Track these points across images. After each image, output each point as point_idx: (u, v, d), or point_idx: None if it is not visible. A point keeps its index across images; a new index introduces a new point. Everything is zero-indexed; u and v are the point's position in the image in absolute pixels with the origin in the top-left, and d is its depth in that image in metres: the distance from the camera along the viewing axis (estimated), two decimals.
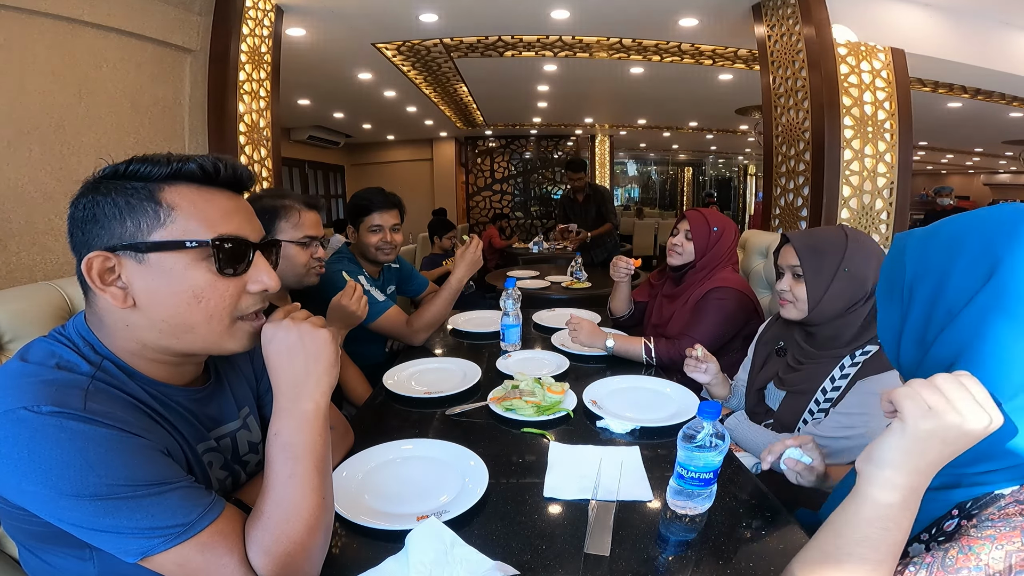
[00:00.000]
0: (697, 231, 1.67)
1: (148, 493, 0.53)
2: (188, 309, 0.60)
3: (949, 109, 5.43)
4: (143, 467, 0.54)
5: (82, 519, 0.51)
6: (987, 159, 10.54)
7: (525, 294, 2.11)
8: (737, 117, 6.64)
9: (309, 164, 8.63)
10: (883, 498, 0.48)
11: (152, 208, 0.59)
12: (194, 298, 0.60)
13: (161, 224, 0.59)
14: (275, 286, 0.65)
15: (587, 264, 3.31)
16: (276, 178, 2.95)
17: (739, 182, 13.52)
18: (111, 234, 0.58)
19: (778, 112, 2.93)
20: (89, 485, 0.50)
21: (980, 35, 3.15)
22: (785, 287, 1.15)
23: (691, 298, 1.66)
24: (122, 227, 0.58)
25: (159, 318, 0.60)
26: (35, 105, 1.90)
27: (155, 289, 0.59)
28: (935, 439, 0.47)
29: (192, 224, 0.60)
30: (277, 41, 2.97)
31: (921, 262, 0.57)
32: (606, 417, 1.11)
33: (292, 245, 1.33)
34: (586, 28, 3.67)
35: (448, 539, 0.69)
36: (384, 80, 5.08)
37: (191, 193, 0.61)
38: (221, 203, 0.63)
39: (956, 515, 0.53)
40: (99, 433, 0.52)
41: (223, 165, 0.63)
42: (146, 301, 0.60)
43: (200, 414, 0.70)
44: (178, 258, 0.59)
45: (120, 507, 0.52)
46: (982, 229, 0.53)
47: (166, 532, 0.53)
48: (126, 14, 2.18)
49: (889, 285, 0.63)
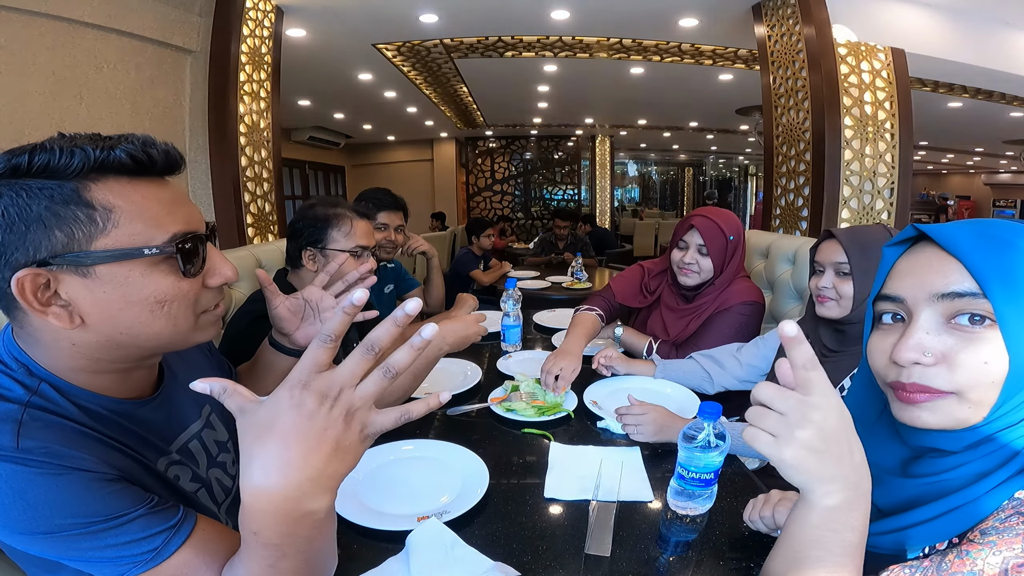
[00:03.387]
0: (712, 244, 1.43)
1: (105, 528, 0.49)
2: (151, 317, 0.54)
3: (949, 109, 5.42)
4: (93, 503, 0.49)
5: (44, 551, 0.50)
6: (987, 159, 10.53)
7: (525, 295, 2.11)
8: (737, 117, 6.63)
9: (310, 165, 8.63)
10: (825, 502, 0.47)
11: (84, 213, 0.50)
12: (157, 304, 0.54)
13: (102, 231, 0.50)
14: (234, 276, 0.61)
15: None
16: (277, 179, 2.96)
17: (739, 182, 13.52)
18: (36, 247, 0.49)
19: (778, 112, 2.93)
20: (38, 525, 0.47)
21: (980, 35, 3.15)
22: (827, 284, 1.11)
23: (706, 312, 1.48)
24: (49, 238, 0.49)
25: (116, 332, 0.54)
26: (35, 106, 1.91)
27: (108, 302, 0.52)
28: (816, 452, 0.45)
29: (138, 226, 0.52)
30: (277, 42, 2.98)
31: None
32: (607, 417, 1.11)
33: (342, 255, 1.25)
34: (586, 28, 3.67)
35: (449, 540, 0.69)
36: (384, 81, 5.08)
37: (125, 188, 0.52)
38: (160, 195, 0.55)
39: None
40: (36, 474, 0.47)
41: (156, 151, 0.54)
42: (98, 317, 0.52)
43: (156, 426, 0.63)
44: (133, 266, 0.52)
45: (77, 540, 0.49)
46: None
47: (134, 559, 0.50)
48: (126, 15, 2.18)
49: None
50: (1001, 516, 0.47)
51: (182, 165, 0.59)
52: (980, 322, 0.48)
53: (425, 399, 0.47)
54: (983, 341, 0.48)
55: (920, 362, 0.50)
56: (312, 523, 0.46)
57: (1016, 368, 0.47)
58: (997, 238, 0.49)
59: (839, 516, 0.48)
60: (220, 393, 0.44)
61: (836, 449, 0.46)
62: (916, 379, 0.50)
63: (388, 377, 0.45)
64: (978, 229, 0.50)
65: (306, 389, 0.43)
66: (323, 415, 0.43)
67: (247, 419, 0.43)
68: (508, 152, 9.16)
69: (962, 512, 0.49)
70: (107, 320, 0.53)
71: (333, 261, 1.26)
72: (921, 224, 0.53)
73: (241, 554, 0.49)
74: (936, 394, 0.50)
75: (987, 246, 0.48)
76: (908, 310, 0.52)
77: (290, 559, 0.47)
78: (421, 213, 7.98)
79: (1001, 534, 0.45)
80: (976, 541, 0.46)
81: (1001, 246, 0.48)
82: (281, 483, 0.42)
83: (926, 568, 0.48)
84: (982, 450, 0.50)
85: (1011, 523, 0.45)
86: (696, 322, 1.48)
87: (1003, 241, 0.48)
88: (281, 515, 0.44)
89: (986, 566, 0.44)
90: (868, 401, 0.63)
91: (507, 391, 1.22)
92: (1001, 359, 0.47)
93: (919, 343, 0.50)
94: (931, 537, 0.51)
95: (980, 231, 0.50)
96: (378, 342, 0.44)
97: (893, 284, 0.54)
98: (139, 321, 0.54)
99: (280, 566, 0.47)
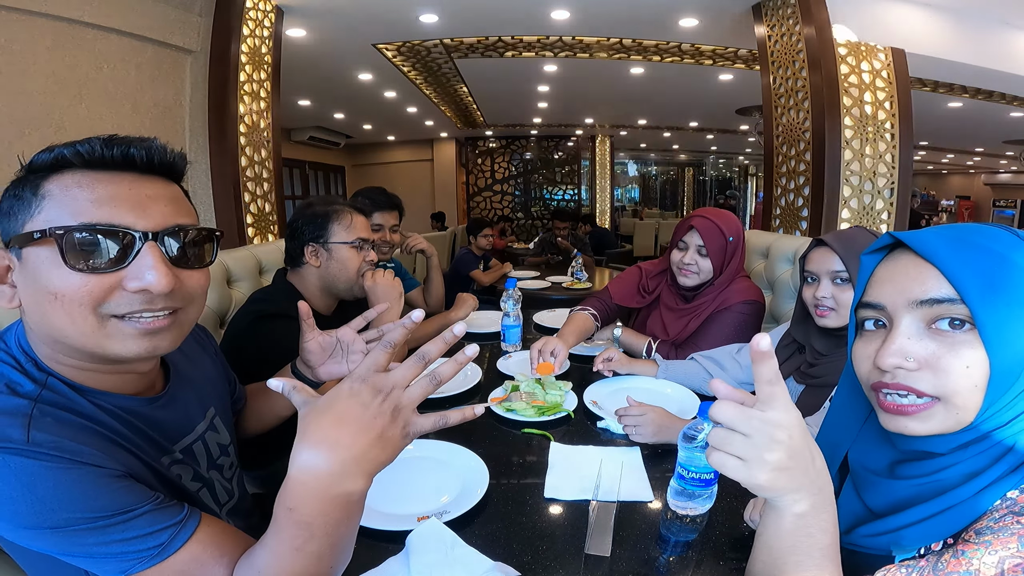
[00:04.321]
0: (712, 245, 1.44)
1: (111, 523, 0.50)
2: (51, 310, 0.52)
3: (949, 109, 5.42)
4: (101, 498, 0.50)
5: (49, 547, 0.50)
6: (988, 159, 10.53)
7: (525, 295, 2.11)
8: (737, 117, 6.63)
9: (310, 165, 8.63)
10: (794, 509, 0.49)
11: (29, 197, 0.53)
12: (51, 296, 0.52)
13: (31, 215, 0.52)
14: (161, 286, 0.53)
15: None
16: (277, 179, 2.95)
17: (740, 182, 13.52)
18: (4, 229, 0.54)
19: (778, 112, 2.93)
20: (45, 519, 0.47)
21: (980, 35, 3.15)
22: (826, 294, 1.06)
23: (705, 312, 1.49)
24: (11, 221, 0.53)
25: (34, 321, 0.55)
26: (36, 106, 1.90)
27: (26, 288, 0.54)
28: (786, 471, 0.47)
29: (55, 213, 0.52)
30: (277, 42, 2.98)
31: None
32: (607, 417, 1.11)
33: (345, 247, 1.29)
34: (586, 28, 3.67)
35: (449, 540, 0.69)
36: (384, 80, 5.08)
37: (73, 179, 0.53)
38: (104, 189, 0.53)
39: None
40: (46, 468, 0.48)
41: (99, 146, 0.53)
42: (28, 304, 0.54)
43: (160, 425, 0.64)
44: (39, 252, 0.52)
45: (83, 535, 0.49)
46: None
47: (139, 554, 0.50)
48: (126, 15, 2.18)
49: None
50: (995, 516, 0.47)
51: (178, 164, 0.59)
52: (960, 326, 0.49)
53: (462, 409, 0.54)
54: (964, 345, 0.48)
55: (903, 367, 0.50)
56: (345, 505, 0.49)
57: (998, 370, 0.47)
58: (972, 244, 0.49)
59: (811, 521, 0.49)
60: (289, 391, 0.51)
61: (802, 463, 0.47)
62: (900, 379, 0.51)
63: (434, 384, 0.52)
64: (954, 235, 0.51)
65: (364, 383, 0.49)
66: (375, 406, 0.49)
67: (309, 408, 0.49)
68: (508, 152, 9.16)
69: (955, 512, 0.50)
70: (28, 306, 0.54)
71: (341, 264, 1.28)
72: (897, 231, 0.54)
73: (267, 538, 0.51)
74: (922, 405, 0.50)
75: (963, 252, 0.49)
76: (889, 316, 0.53)
77: (317, 541, 0.49)
78: (421, 213, 7.99)
79: (996, 533, 0.45)
80: (971, 541, 0.47)
81: (977, 251, 0.49)
82: (329, 458, 0.47)
83: (922, 568, 0.48)
84: (972, 450, 0.51)
85: (1005, 522, 0.46)
86: (696, 322, 1.49)
87: (978, 246, 0.49)
88: (321, 491, 0.48)
89: (982, 565, 0.44)
90: (855, 405, 0.63)
91: (507, 391, 1.22)
92: (982, 363, 0.48)
93: (901, 348, 0.51)
94: (926, 537, 0.51)
95: (956, 237, 0.50)
96: (393, 341, 0.51)
97: (873, 292, 0.55)
98: (43, 312, 0.53)
99: (306, 548, 0.49)
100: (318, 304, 1.31)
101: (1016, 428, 0.49)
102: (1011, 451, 0.49)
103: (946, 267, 0.49)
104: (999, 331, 0.47)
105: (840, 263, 1.05)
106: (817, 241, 1.11)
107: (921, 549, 0.52)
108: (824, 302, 1.07)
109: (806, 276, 1.12)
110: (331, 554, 0.52)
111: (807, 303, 1.12)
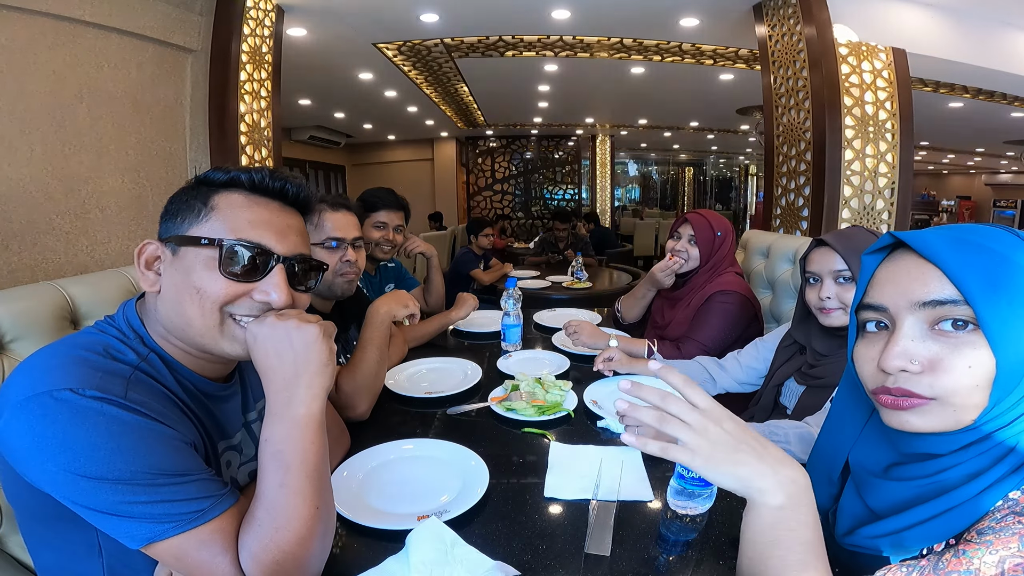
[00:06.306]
0: (701, 235, 1.64)
1: (168, 482, 0.54)
2: (189, 301, 0.62)
3: (950, 109, 5.42)
4: (169, 457, 0.55)
5: (96, 501, 0.52)
6: (988, 159, 10.53)
7: (526, 294, 2.11)
8: (738, 117, 6.63)
9: (310, 164, 8.64)
10: (771, 502, 0.50)
11: (198, 207, 0.64)
12: (194, 290, 0.62)
13: (197, 222, 0.63)
14: (280, 301, 0.64)
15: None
16: None
17: (740, 182, 13.51)
18: (167, 228, 0.65)
19: (779, 112, 2.93)
20: (114, 470, 0.52)
21: (981, 35, 3.15)
22: (830, 294, 1.05)
23: (693, 301, 1.64)
24: (174, 222, 0.64)
25: (167, 306, 0.63)
26: (36, 105, 1.90)
27: (176, 280, 0.63)
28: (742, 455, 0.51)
29: (218, 226, 0.63)
30: (278, 41, 2.98)
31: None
32: (607, 417, 1.11)
33: (315, 248, 1.26)
34: (587, 28, 3.67)
35: (449, 539, 0.69)
36: (385, 80, 5.08)
37: (238, 199, 0.65)
38: (259, 213, 0.65)
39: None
40: (135, 421, 0.54)
41: (267, 177, 0.66)
42: (168, 291, 0.63)
43: (224, 411, 0.72)
44: (199, 254, 0.62)
45: (138, 492, 0.53)
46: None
47: (178, 518, 0.54)
48: (127, 14, 2.18)
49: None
50: (997, 516, 0.47)
51: (297, 198, 0.70)
52: (964, 327, 0.48)
53: None
54: (967, 346, 0.48)
55: (907, 369, 0.50)
56: (304, 428, 0.60)
57: (1003, 370, 0.47)
58: (974, 244, 0.49)
59: (790, 515, 0.50)
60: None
61: (748, 448, 0.51)
62: (902, 383, 0.51)
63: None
64: (955, 235, 0.50)
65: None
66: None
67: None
68: (508, 152, 9.16)
69: (958, 512, 0.50)
70: (170, 295, 0.63)
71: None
72: (898, 232, 0.54)
73: (257, 487, 0.59)
74: (921, 400, 0.50)
75: (965, 252, 0.49)
76: (891, 318, 0.53)
77: (294, 473, 0.58)
78: (421, 213, 7.98)
79: (997, 534, 0.45)
80: (973, 541, 0.47)
81: (978, 251, 0.48)
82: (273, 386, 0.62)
83: (923, 568, 0.48)
84: (973, 451, 0.51)
85: (1007, 523, 0.46)
86: (684, 311, 1.65)
87: (980, 247, 0.49)
88: (281, 415, 0.61)
89: (983, 565, 0.44)
90: (856, 407, 0.63)
91: (507, 390, 1.22)
92: (985, 362, 0.47)
93: (905, 350, 0.50)
94: (927, 538, 0.51)
95: (957, 237, 0.50)
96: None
97: (875, 293, 0.55)
98: (182, 302, 0.62)
99: (288, 483, 0.58)
100: (316, 303, 1.31)
101: (1017, 429, 0.49)
102: (1012, 452, 0.49)
103: (949, 268, 0.48)
104: (1003, 332, 0.47)
105: (842, 262, 1.05)
106: (817, 241, 1.10)
107: (923, 550, 0.52)
108: (828, 303, 1.06)
109: (808, 277, 1.12)
110: (311, 490, 0.59)
111: (810, 304, 1.12)
